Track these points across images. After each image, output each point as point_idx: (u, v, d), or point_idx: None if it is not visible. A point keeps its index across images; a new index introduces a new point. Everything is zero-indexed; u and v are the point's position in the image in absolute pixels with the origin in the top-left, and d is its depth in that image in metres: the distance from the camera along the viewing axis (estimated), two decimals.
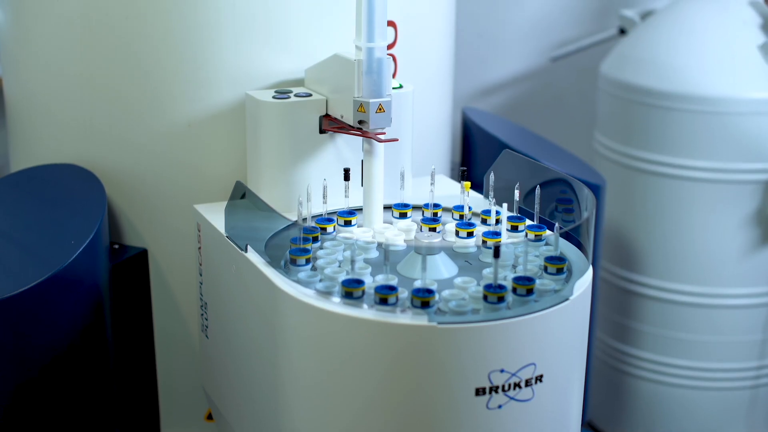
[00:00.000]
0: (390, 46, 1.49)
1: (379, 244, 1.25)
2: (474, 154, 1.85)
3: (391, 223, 1.34)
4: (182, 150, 1.48)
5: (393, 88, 1.36)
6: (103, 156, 1.52)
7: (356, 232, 1.29)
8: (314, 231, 1.25)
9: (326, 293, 1.11)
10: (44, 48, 1.54)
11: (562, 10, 2.54)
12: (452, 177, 1.65)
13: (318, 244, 1.24)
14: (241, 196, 1.30)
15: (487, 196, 1.36)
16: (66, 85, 1.52)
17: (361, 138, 1.33)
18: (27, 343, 1.30)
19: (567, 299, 1.12)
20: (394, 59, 1.50)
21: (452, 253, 1.23)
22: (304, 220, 1.28)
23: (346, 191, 1.33)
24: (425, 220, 1.31)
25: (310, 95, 1.39)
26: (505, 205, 1.27)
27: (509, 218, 1.29)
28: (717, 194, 2.07)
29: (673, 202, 2.11)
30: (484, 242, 1.24)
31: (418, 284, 1.12)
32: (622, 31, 2.32)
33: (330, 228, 1.28)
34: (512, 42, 2.59)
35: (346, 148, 1.41)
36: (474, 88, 2.59)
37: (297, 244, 1.20)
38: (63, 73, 1.52)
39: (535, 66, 2.59)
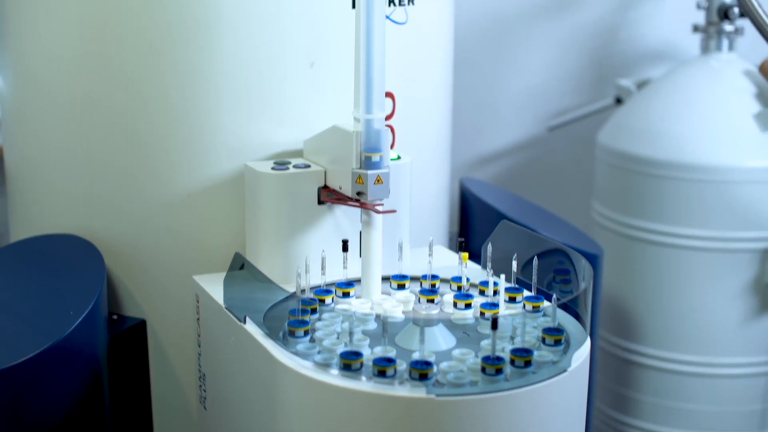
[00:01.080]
0: (388, 117, 1.50)
1: (378, 316, 1.25)
2: (472, 224, 1.86)
3: (389, 295, 1.34)
4: (181, 220, 1.49)
5: (391, 159, 1.37)
6: (102, 226, 1.52)
7: (354, 304, 1.30)
8: (313, 302, 1.25)
9: (325, 365, 1.11)
10: (45, 119, 1.55)
11: (558, 79, 2.57)
12: (450, 247, 1.65)
13: (316, 316, 1.25)
14: (239, 267, 1.30)
15: (485, 267, 1.36)
16: (66, 156, 1.53)
17: (360, 209, 1.33)
18: (25, 414, 1.30)
19: (565, 370, 1.12)
20: (392, 130, 1.51)
21: (450, 325, 1.23)
22: (303, 291, 1.28)
23: (344, 262, 1.34)
24: (423, 292, 1.31)
25: (309, 166, 1.40)
26: (502, 276, 1.28)
27: (507, 289, 1.30)
28: (715, 263, 2.08)
29: (671, 271, 2.11)
30: (482, 314, 1.24)
31: (416, 356, 1.12)
32: (619, 101, 2.34)
33: (328, 299, 1.28)
34: (509, 111, 2.61)
35: (344, 218, 1.42)
36: (472, 157, 2.61)
37: (295, 316, 1.20)
38: (63, 144, 1.53)
39: (533, 135, 2.60)
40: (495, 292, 1.30)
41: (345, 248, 1.33)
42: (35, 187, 1.60)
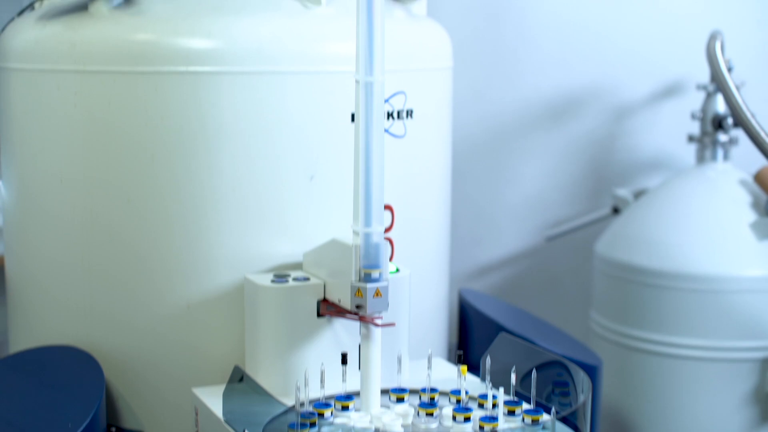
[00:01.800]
0: (387, 230, 1.52)
1: (377, 430, 1.25)
2: (471, 336, 1.86)
3: (388, 408, 1.34)
4: (181, 332, 1.49)
5: (390, 272, 1.38)
6: (101, 337, 1.53)
7: (353, 417, 1.29)
8: (312, 416, 1.24)
9: None
10: (46, 231, 1.57)
11: (556, 189, 2.59)
12: (449, 359, 1.65)
13: (315, 429, 1.24)
14: (238, 380, 1.30)
15: (484, 380, 1.36)
16: (66, 267, 1.55)
17: (359, 322, 1.34)
18: None
19: None
20: (391, 243, 1.53)
21: None
22: (302, 405, 1.28)
23: (343, 375, 1.34)
24: (422, 405, 1.31)
25: (308, 279, 1.41)
26: (501, 388, 1.27)
27: (506, 402, 1.29)
28: (715, 373, 2.07)
29: (671, 381, 2.10)
30: (481, 427, 1.24)
31: None
32: (616, 210, 2.36)
33: (327, 413, 1.28)
34: (507, 221, 2.62)
35: (343, 331, 1.42)
36: (470, 267, 2.62)
37: (295, 430, 1.20)
38: (64, 256, 1.55)
39: (530, 245, 2.62)
40: (494, 405, 1.29)
41: (344, 361, 1.33)
42: (35, 298, 1.61)
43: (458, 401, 1.35)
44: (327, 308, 1.38)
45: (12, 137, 1.63)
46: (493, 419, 1.24)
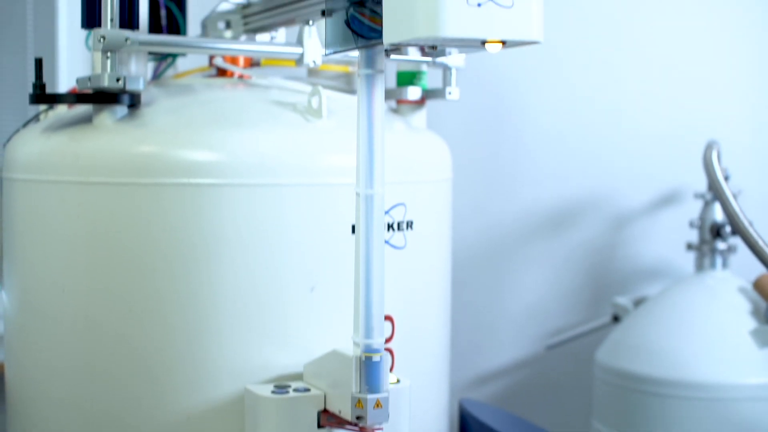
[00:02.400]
0: (387, 340, 1.52)
1: None
2: None
3: None
4: None
5: (390, 383, 1.37)
6: None
7: None
8: None
9: None
10: (47, 338, 1.57)
11: (555, 298, 2.59)
12: None
13: None
14: None
15: None
16: (67, 374, 1.54)
17: None
18: None
19: None
20: (391, 353, 1.53)
21: None
22: None
23: None
24: None
25: (309, 390, 1.41)
26: None
27: None
28: None
29: None
30: None
31: None
32: (616, 319, 2.36)
33: None
34: (508, 330, 2.62)
35: None
36: (471, 376, 2.61)
37: None
38: (65, 363, 1.54)
39: (531, 354, 2.61)
40: None
41: None
42: (36, 405, 1.60)
43: None
44: (328, 419, 1.38)
45: (15, 246, 1.64)
46: None
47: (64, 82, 2.83)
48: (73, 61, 2.89)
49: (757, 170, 2.47)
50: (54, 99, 1.59)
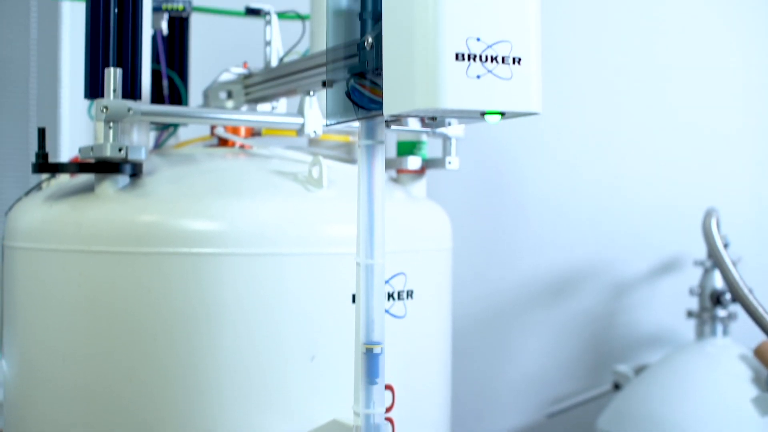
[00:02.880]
0: (388, 409, 1.51)
1: None
2: None
3: None
4: None
5: None
6: None
7: None
8: None
9: None
10: (47, 406, 1.56)
11: (556, 366, 2.58)
12: None
13: None
14: None
15: None
16: None
17: None
18: None
19: None
20: (392, 423, 1.52)
21: None
22: None
23: None
24: None
25: None
26: None
27: None
28: None
29: None
30: None
31: None
32: (617, 386, 2.35)
33: None
34: (508, 398, 2.61)
35: None
36: None
37: None
38: (64, 430, 1.53)
39: (532, 422, 2.60)
40: None
41: None
42: None
43: None
44: None
45: (16, 313, 1.64)
46: None
47: (66, 150, 2.85)
48: (75, 129, 2.91)
49: (757, 237, 2.48)
50: (57, 168, 1.60)
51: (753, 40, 2.52)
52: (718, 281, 2.27)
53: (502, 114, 1.10)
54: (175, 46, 1.98)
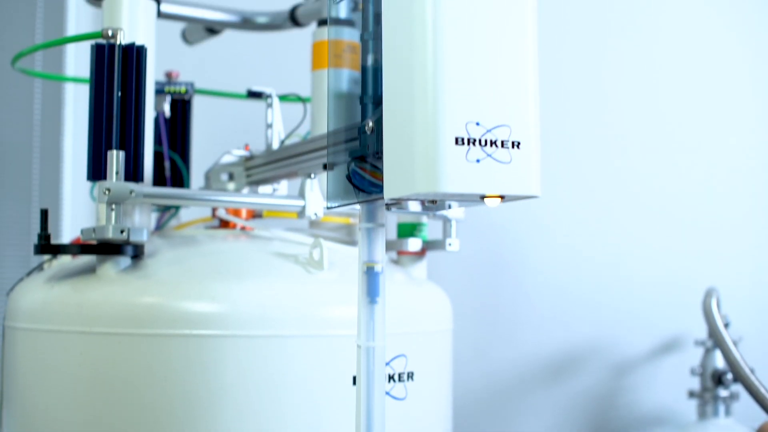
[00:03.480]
0: None
1: None
2: None
3: None
4: None
5: None
6: None
7: None
8: None
9: None
10: None
11: None
12: None
13: None
14: None
15: None
16: None
17: None
18: None
19: None
20: None
21: None
22: None
23: None
24: None
25: None
26: None
27: None
28: None
29: None
30: None
31: None
32: None
33: None
34: None
35: None
36: None
37: None
38: None
39: None
40: None
41: None
42: None
43: None
44: None
45: (16, 393, 1.63)
46: None
47: (67, 231, 2.86)
48: (77, 209, 2.93)
49: (758, 316, 2.48)
50: (59, 250, 1.60)
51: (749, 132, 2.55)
52: (719, 361, 2.27)
53: (502, 197, 1.11)
54: (177, 128, 2.00)
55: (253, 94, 1.96)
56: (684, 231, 2.54)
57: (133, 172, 1.54)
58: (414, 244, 1.84)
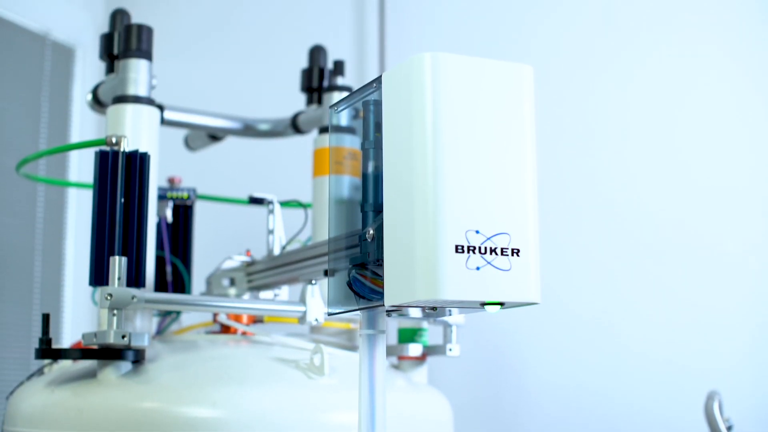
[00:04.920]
0: None
1: None
2: None
3: None
4: None
5: None
6: None
7: None
8: None
9: None
10: None
11: None
12: None
13: None
14: None
15: None
16: None
17: None
18: None
19: None
20: None
21: None
22: None
23: None
24: None
25: None
26: None
27: None
28: None
29: None
30: None
31: None
32: None
33: None
34: None
35: None
36: None
37: None
38: None
39: None
40: None
41: None
42: None
43: None
44: None
45: None
46: None
47: (68, 334, 2.86)
48: (78, 313, 2.94)
49: (761, 419, 2.46)
50: (60, 354, 1.61)
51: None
52: None
53: (502, 304, 1.12)
54: (179, 233, 2.02)
55: (255, 200, 1.98)
56: (685, 334, 2.53)
57: (135, 278, 1.55)
58: (414, 349, 1.85)
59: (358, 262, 1.22)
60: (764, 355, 2.51)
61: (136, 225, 1.56)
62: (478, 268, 1.08)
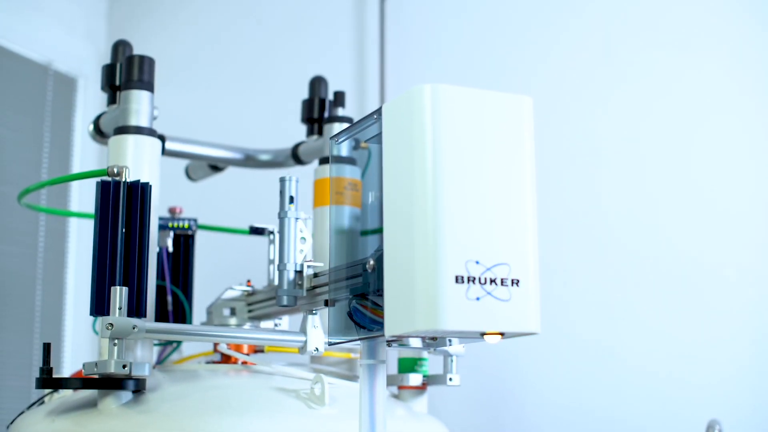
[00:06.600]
0: None
1: None
2: None
3: None
4: None
5: None
6: None
7: None
8: None
9: None
10: None
11: None
12: None
13: None
14: None
15: None
16: None
17: None
18: None
19: None
20: None
21: None
22: None
23: None
24: None
25: None
26: None
27: None
28: None
29: None
30: None
31: None
32: None
33: None
34: None
35: None
36: None
37: None
38: None
39: None
40: None
41: None
42: None
43: None
44: None
45: None
46: None
47: (68, 363, 2.86)
48: (78, 342, 2.94)
49: None
50: (60, 384, 1.61)
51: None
52: None
53: (502, 334, 1.13)
54: (180, 263, 2.02)
55: (256, 231, 1.99)
56: (684, 363, 2.53)
57: (136, 308, 1.55)
58: (415, 379, 1.85)
59: (358, 293, 1.22)
60: (763, 383, 2.51)
61: (137, 255, 1.56)
62: (478, 299, 1.09)
